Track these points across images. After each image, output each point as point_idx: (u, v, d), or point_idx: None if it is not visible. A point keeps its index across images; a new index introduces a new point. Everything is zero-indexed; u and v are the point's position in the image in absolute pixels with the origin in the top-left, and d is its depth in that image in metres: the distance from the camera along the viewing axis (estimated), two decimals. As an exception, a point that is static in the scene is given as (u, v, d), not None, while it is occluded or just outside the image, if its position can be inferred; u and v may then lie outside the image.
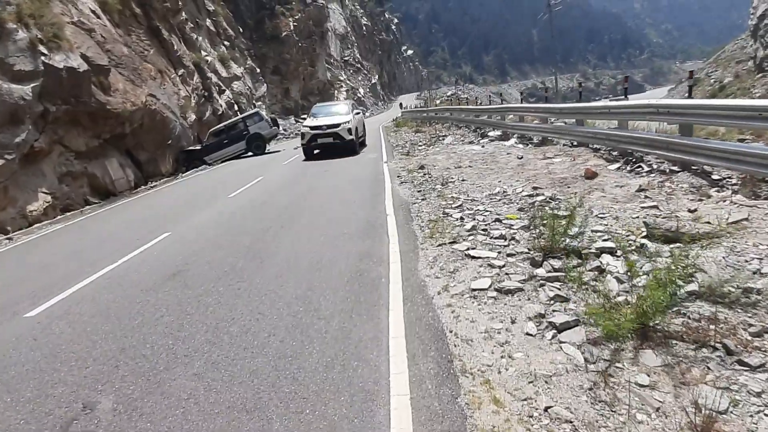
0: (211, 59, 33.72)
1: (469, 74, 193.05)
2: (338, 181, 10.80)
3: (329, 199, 8.75)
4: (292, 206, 8.52)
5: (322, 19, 74.01)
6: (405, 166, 12.22)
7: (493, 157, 11.30)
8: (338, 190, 9.66)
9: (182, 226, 8.03)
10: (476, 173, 9.57)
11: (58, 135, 15.46)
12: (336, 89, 74.38)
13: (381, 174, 11.29)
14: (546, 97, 13.06)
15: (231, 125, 23.56)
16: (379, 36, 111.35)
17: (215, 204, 9.86)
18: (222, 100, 31.86)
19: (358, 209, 7.64)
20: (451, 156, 12.82)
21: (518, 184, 8.02)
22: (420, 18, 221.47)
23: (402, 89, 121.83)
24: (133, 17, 24.15)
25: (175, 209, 10.05)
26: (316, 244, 5.93)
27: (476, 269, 4.46)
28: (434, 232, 5.80)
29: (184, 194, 12.98)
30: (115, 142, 18.82)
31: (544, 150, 11.08)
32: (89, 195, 16.40)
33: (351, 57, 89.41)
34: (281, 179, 12.50)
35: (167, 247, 6.70)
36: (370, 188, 9.48)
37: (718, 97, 47.65)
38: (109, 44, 19.86)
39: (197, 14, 36.01)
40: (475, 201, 7.26)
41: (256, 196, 10.23)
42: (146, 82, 21.36)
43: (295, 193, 9.94)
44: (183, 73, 26.70)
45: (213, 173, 18.29)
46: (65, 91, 15.33)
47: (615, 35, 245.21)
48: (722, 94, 48.83)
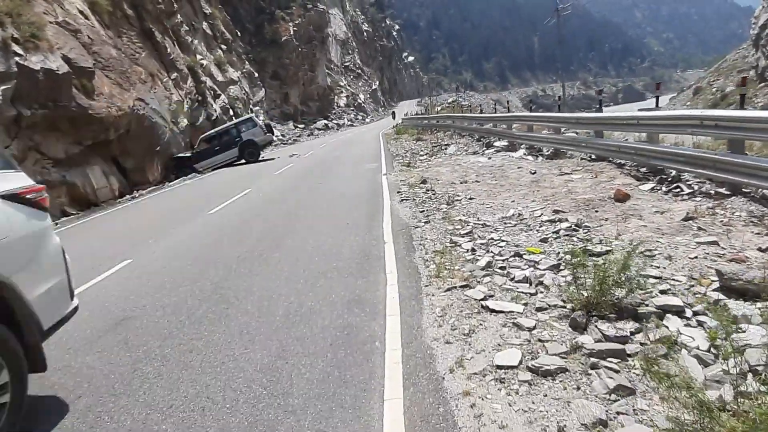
0: (207, 63, 32.81)
1: (470, 81, 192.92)
2: (332, 197, 9.77)
3: (320, 220, 7.70)
4: (276, 227, 7.48)
5: (322, 24, 73.36)
6: (406, 179, 11.19)
7: (502, 171, 10.27)
8: (331, 207, 8.62)
9: (148, 250, 6.98)
10: (485, 190, 8.53)
11: (34, 141, 14.44)
12: (336, 95, 73.61)
13: (379, 188, 10.26)
14: (558, 105, 12.08)
15: (223, 131, 22.54)
16: (380, 42, 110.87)
17: (192, 222, 8.82)
18: (217, 104, 30.91)
19: (352, 234, 6.60)
20: (456, 168, 11.80)
21: (535, 205, 6.98)
22: (421, 25, 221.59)
23: (403, 95, 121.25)
24: (125, 19, 23.24)
25: (147, 227, 9.00)
26: (298, 282, 4.88)
27: (499, 331, 3.41)
28: (441, 269, 4.75)
29: (162, 208, 11.93)
30: (99, 149, 17.81)
31: (559, 164, 10.06)
32: (67, 205, 15.35)
33: (351, 62, 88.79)
34: (270, 192, 11.46)
35: (123, 281, 5.65)
36: (366, 206, 8.45)
37: (720, 106, 46.78)
38: (96, 46, 18.92)
39: (193, 17, 35.14)
40: (487, 226, 6.22)
41: (239, 212, 9.20)
42: (135, 85, 20.40)
43: (282, 210, 8.90)
44: (176, 77, 25.75)
45: (200, 183, 17.27)
46: (42, 95, 14.33)
47: (616, 44, 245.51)
48: (724, 103, 48.04)
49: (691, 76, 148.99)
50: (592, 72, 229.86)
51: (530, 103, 26.69)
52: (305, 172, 15.28)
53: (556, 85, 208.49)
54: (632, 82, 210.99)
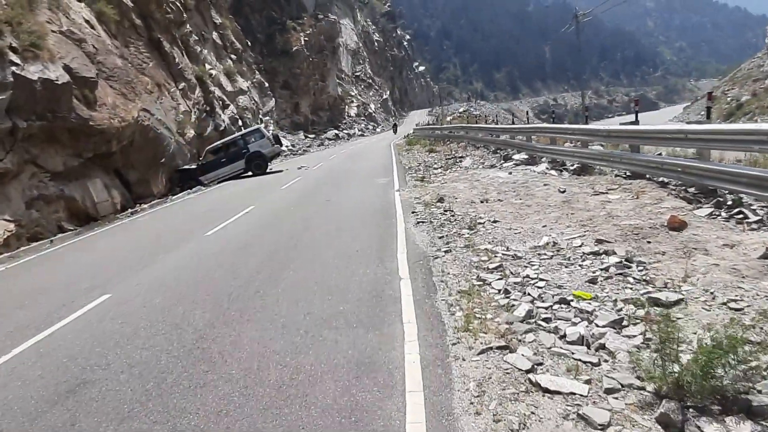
0: (216, 73, 32.38)
1: (481, 91, 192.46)
2: (341, 217, 8.93)
3: (326, 246, 6.86)
4: (278, 254, 6.65)
5: (333, 35, 73.29)
6: (420, 196, 10.34)
7: (526, 189, 9.38)
8: (339, 230, 7.77)
9: (131, 282, 6.19)
10: (510, 212, 7.64)
11: (31, 154, 13.82)
12: (347, 104, 73.25)
13: (392, 207, 9.41)
14: (586, 116, 11.17)
15: (229, 143, 21.87)
16: (390, 52, 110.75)
17: (186, 246, 8.02)
18: (225, 115, 30.39)
19: (362, 264, 5.75)
20: (474, 184, 10.92)
21: (571, 231, 6.09)
22: (432, 35, 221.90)
23: (413, 105, 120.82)
24: (133, 28, 22.77)
25: (137, 251, 8.22)
26: (297, 333, 4.02)
27: (560, 426, 2.53)
28: (470, 319, 3.88)
29: (158, 227, 11.16)
30: (101, 161, 17.20)
31: (590, 181, 9.15)
32: (65, 221, 14.68)
33: (362, 72, 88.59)
34: (274, 210, 10.66)
35: (93, 324, 4.83)
36: (378, 230, 7.59)
37: (736, 116, 45.43)
38: (100, 55, 18.39)
39: (203, 27, 34.83)
40: (519, 258, 5.34)
41: (238, 234, 8.40)
42: (140, 96, 19.83)
43: (286, 232, 8.08)
44: (184, 87, 25.23)
45: (202, 198, 16.54)
46: (40, 106, 13.73)
47: (628, 53, 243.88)
48: (740, 112, 46.78)
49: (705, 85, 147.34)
50: (604, 81, 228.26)
51: (551, 114, 25.76)
52: (313, 186, 14.50)
53: (568, 94, 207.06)
54: (645, 91, 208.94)
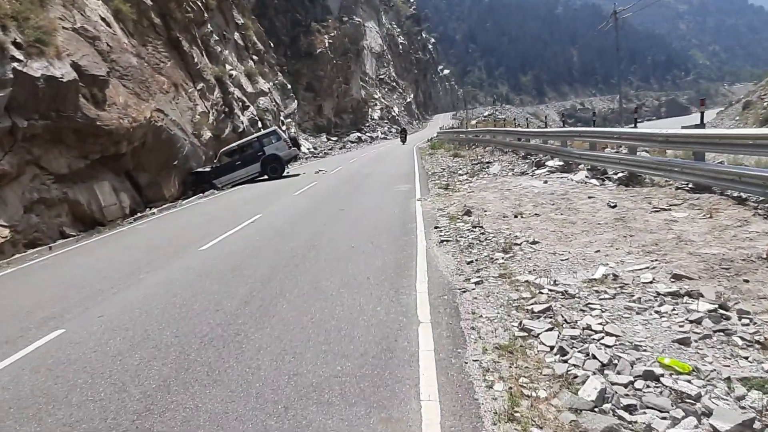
0: (236, 73, 31.78)
1: (506, 94, 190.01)
2: (354, 232, 7.81)
3: (332, 270, 5.74)
4: (271, 281, 5.54)
5: (358, 37, 72.68)
6: (444, 207, 9.18)
7: (567, 201, 8.13)
8: (350, 250, 6.64)
9: (95, 311, 5.18)
10: (552, 231, 6.43)
11: (33, 155, 13.10)
12: (370, 107, 72.45)
13: (412, 219, 8.27)
14: (636, 119, 9.85)
15: (244, 145, 21.02)
16: (415, 55, 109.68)
17: (174, 263, 7.01)
18: (245, 116, 29.71)
19: (372, 298, 4.63)
20: (505, 194, 9.71)
21: (634, 260, 4.86)
22: (457, 38, 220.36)
23: (437, 108, 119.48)
24: (151, 27, 22.18)
25: (120, 268, 7.20)
26: (271, 413, 2.91)
27: None
28: (516, 398, 2.73)
29: (154, 236, 10.20)
30: (110, 163, 16.50)
31: (644, 194, 7.85)
32: (68, 226, 13.93)
33: (386, 75, 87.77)
34: (282, 220, 9.60)
35: (26, 374, 3.79)
36: (395, 249, 6.46)
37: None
38: (114, 54, 17.74)
39: (225, 27, 34.34)
40: (571, 296, 4.15)
41: (234, 250, 7.35)
42: (155, 95, 19.14)
43: (288, 250, 6.98)
44: (202, 87, 24.57)
45: (212, 203, 15.66)
46: (44, 104, 13.01)
47: (659, 56, 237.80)
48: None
49: (739, 89, 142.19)
50: (633, 85, 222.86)
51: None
52: (328, 193, 13.46)
53: (595, 98, 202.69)
54: (676, 96, 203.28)
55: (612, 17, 24.72)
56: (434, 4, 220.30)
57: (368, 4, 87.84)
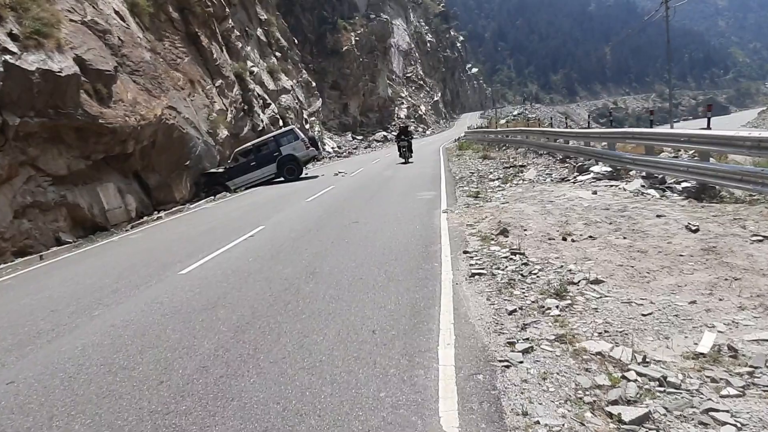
0: (258, 70, 30.82)
1: (536, 93, 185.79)
2: (363, 254, 6.42)
3: (327, 318, 4.35)
4: (246, 332, 4.12)
5: (385, 35, 71.40)
6: (475, 222, 7.74)
7: (629, 220, 6.59)
8: (356, 283, 5.23)
9: (14, 370, 3.96)
10: (617, 262, 4.94)
11: (28, 155, 12.16)
12: (396, 106, 71.13)
13: (436, 239, 6.86)
14: (709, 118, 8.21)
15: (260, 145, 19.87)
16: (443, 53, 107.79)
17: (146, 291, 5.75)
18: (265, 114, 28.70)
19: (372, 378, 3.24)
20: (547, 207, 8.20)
21: (752, 320, 3.37)
22: (486, 36, 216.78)
23: (465, 107, 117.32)
24: (169, 22, 21.29)
25: (81, 296, 5.87)
26: None
27: None
28: None
29: (140, 250, 8.96)
30: (116, 163, 15.56)
31: (729, 213, 6.25)
32: (65, 231, 12.96)
33: (414, 73, 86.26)
34: (284, 235, 8.27)
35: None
36: (411, 284, 5.06)
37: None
38: (126, 48, 16.82)
39: (248, 23, 33.49)
40: (673, 388, 2.71)
41: (219, 276, 6.04)
42: (168, 92, 18.16)
43: (281, 281, 5.56)
44: (221, 84, 23.61)
45: (218, 208, 14.53)
46: (40, 100, 12.06)
47: (696, 54, 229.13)
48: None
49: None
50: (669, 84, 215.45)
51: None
52: (344, 199, 12.13)
53: (629, 97, 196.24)
54: (714, 95, 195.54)
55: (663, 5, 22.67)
56: (463, 2, 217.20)
57: (396, 2, 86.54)
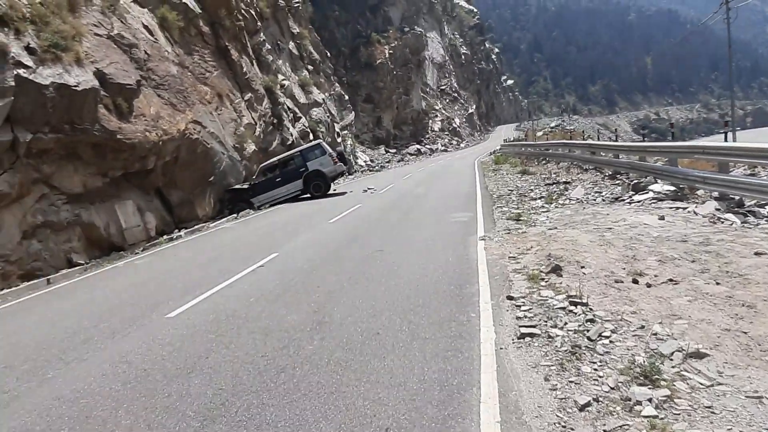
0: (289, 83, 30.38)
1: (573, 105, 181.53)
2: (385, 296, 5.29)
3: (322, 407, 3.28)
4: (224, 416, 3.18)
5: (419, 48, 70.72)
6: (518, 253, 6.53)
7: (718, 259, 5.25)
8: (368, 344, 4.09)
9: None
10: (719, 322, 3.67)
11: (42, 172, 11.63)
12: (430, 119, 70.12)
13: (472, 278, 5.68)
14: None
15: (286, 160, 19.10)
16: (478, 65, 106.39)
17: (120, 343, 4.74)
18: (295, 128, 28.12)
19: None
20: (605, 235, 6.90)
21: None
22: (522, 48, 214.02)
23: (500, 120, 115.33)
24: (200, 36, 20.97)
25: (42, 347, 4.92)
26: None
27: None
28: None
29: (135, 282, 7.92)
30: (137, 180, 15.01)
31: None
32: (78, 252, 12.34)
33: (448, 86, 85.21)
34: (296, 268, 7.15)
35: None
36: (442, 345, 3.90)
37: None
38: (152, 62, 16.40)
39: (280, 36, 33.23)
40: None
41: (207, 325, 4.97)
42: (194, 106, 17.65)
43: (277, 336, 4.41)
44: (250, 98, 23.13)
45: (235, 229, 13.71)
46: (55, 115, 11.54)
47: (743, 63, 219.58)
48: None
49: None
50: (714, 93, 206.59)
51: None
52: (369, 221, 11.05)
53: (672, 108, 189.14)
54: (763, 105, 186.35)
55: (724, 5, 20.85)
56: (499, 14, 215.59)
57: (431, 15, 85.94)
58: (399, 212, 11.86)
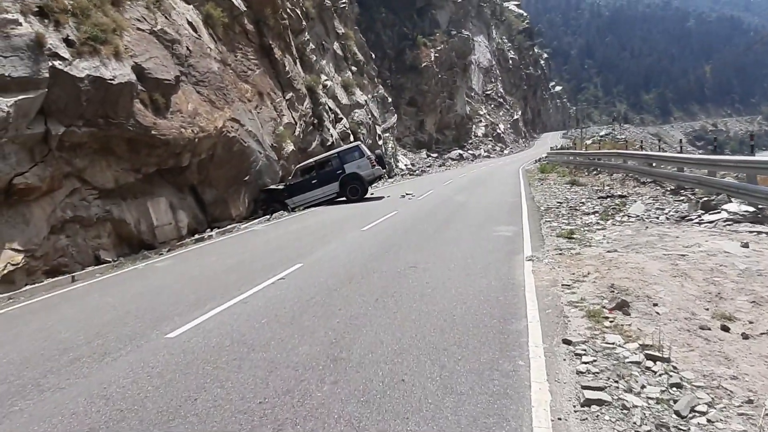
0: (332, 84, 30.00)
1: (624, 113, 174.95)
2: (414, 330, 4.45)
3: None
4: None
5: (466, 51, 69.46)
6: (573, 281, 5.61)
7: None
8: (391, 394, 3.33)
9: None
10: None
11: (75, 167, 11.42)
12: (474, 124, 68.67)
13: (519, 310, 4.82)
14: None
15: (323, 161, 18.54)
16: (525, 70, 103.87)
17: (118, 360, 4.20)
18: (336, 129, 27.69)
19: None
20: (679, 264, 5.88)
21: None
22: (572, 53, 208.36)
23: (546, 127, 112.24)
24: (244, 33, 20.78)
25: (42, 360, 4.35)
26: None
27: None
28: None
29: (145, 290, 7.27)
30: (171, 177, 14.76)
31: None
32: (107, 249, 12.10)
33: (493, 91, 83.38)
34: (319, 283, 6.39)
35: None
36: (480, 411, 3.07)
37: None
38: (193, 58, 16.19)
39: (325, 37, 32.95)
40: None
41: (212, 348, 4.34)
42: (233, 104, 17.35)
43: (282, 373, 3.71)
44: (291, 97, 22.80)
45: (265, 233, 13.18)
46: (90, 109, 11.31)
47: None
48: None
49: None
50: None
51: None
52: (404, 230, 10.27)
53: (731, 119, 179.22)
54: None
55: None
56: (549, 19, 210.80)
57: (479, 18, 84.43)
58: (437, 222, 11.01)
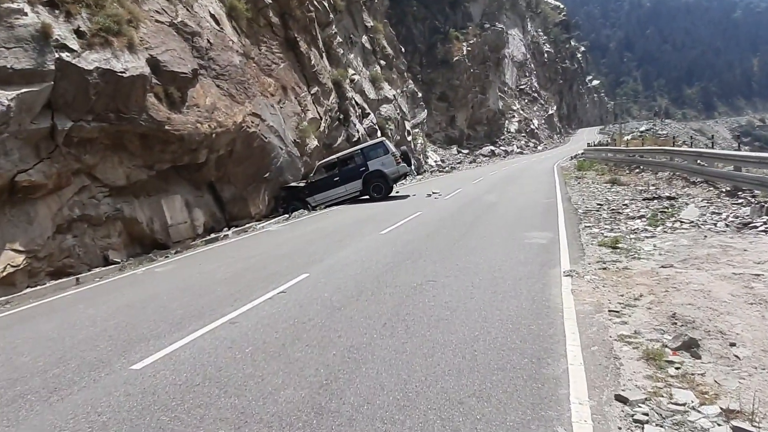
0: (359, 78, 29.22)
1: (665, 108, 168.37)
2: (425, 371, 3.57)
3: None
4: None
5: (499, 45, 67.66)
6: (622, 306, 4.64)
7: None
8: None
9: None
10: None
11: (84, 163, 10.93)
12: (507, 119, 66.84)
13: (557, 345, 3.88)
14: None
15: (346, 158, 17.75)
16: (561, 64, 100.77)
17: (65, 401, 3.50)
18: (363, 124, 26.92)
19: None
20: (754, 286, 4.82)
21: None
22: (611, 46, 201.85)
23: (582, 122, 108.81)
24: (268, 26, 20.18)
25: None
26: None
27: None
28: None
29: (133, 302, 6.54)
30: (188, 174, 14.25)
31: None
32: (117, 249, 11.62)
33: (528, 85, 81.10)
34: (323, 298, 5.57)
35: None
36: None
37: None
38: (214, 51, 15.64)
39: (353, 30, 32.19)
40: None
41: (179, 386, 3.59)
42: (254, 98, 16.74)
43: (261, 423, 3.09)
44: (317, 92, 22.12)
45: (281, 233, 12.48)
46: (99, 103, 10.79)
47: None
48: None
49: None
50: None
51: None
52: (426, 235, 9.36)
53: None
54: None
55: None
56: (587, 11, 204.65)
57: (513, 11, 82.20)
58: (463, 225, 10.06)
